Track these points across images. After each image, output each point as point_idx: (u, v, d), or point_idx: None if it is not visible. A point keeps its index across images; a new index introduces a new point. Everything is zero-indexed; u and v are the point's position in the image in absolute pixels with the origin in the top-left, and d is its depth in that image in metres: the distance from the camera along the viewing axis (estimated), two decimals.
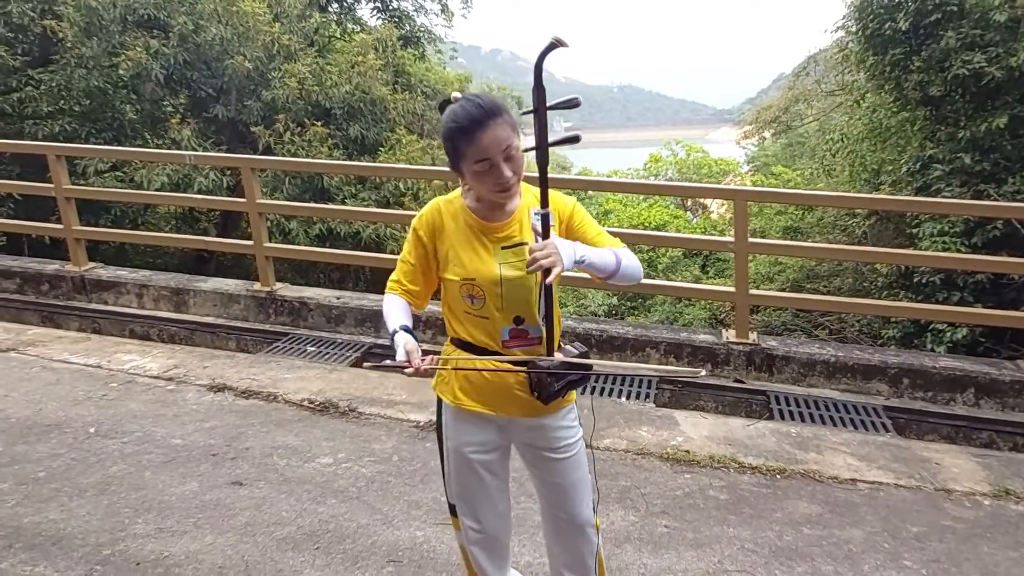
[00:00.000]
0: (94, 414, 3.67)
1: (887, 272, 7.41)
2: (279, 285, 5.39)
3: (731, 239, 4.53)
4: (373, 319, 5.06)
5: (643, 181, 14.38)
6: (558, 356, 1.71)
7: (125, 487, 3.01)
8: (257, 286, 5.34)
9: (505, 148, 1.57)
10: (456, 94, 1.65)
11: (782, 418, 3.94)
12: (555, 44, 1.50)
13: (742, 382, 4.37)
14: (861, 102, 8.91)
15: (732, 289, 4.61)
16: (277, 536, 2.70)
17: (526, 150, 1.59)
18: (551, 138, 1.63)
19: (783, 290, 8.68)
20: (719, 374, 4.44)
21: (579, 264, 1.61)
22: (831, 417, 3.94)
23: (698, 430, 3.61)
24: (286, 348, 4.81)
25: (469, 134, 1.56)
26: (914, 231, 6.75)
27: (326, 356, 4.66)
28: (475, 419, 1.82)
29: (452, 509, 1.97)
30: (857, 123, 9.24)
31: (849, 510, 2.94)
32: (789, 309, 8.73)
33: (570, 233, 1.74)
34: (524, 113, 1.59)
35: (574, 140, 1.66)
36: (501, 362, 1.73)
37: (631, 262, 1.72)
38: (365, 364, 2.28)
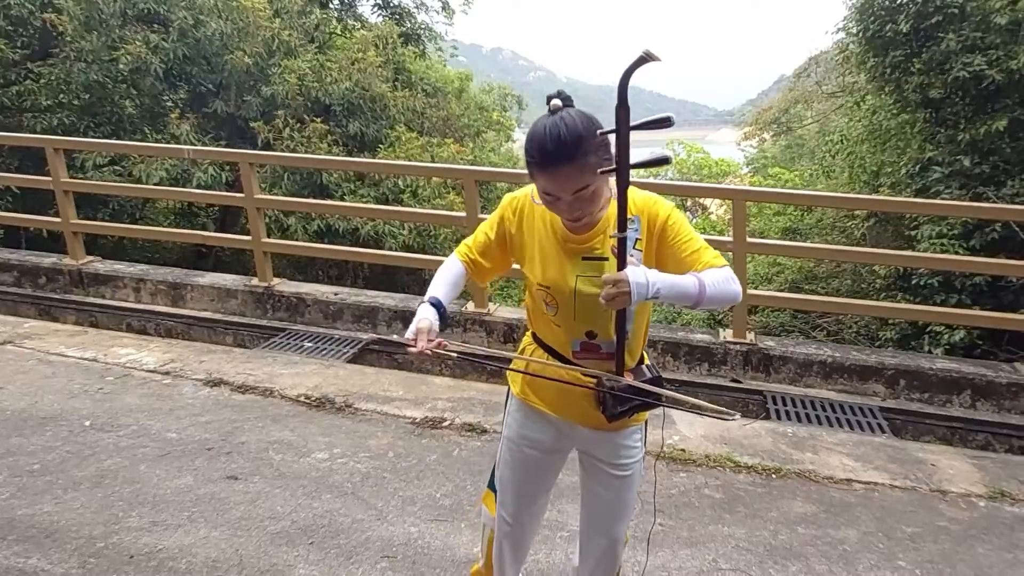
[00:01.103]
0: (90, 407, 3.66)
1: (885, 274, 7.41)
2: (277, 280, 5.38)
3: (729, 239, 4.53)
4: (370, 315, 5.05)
5: (642, 180, 14.37)
6: (628, 378, 1.61)
7: (119, 480, 3.00)
8: (255, 281, 5.34)
9: (576, 191, 1.47)
10: (556, 101, 1.49)
11: (778, 418, 3.94)
12: (645, 59, 1.34)
13: (739, 382, 4.37)
14: (861, 104, 8.91)
15: None
16: (271, 531, 2.69)
17: (604, 171, 1.46)
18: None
19: (781, 291, 8.68)
20: (716, 373, 4.44)
21: (653, 299, 1.47)
22: (827, 417, 3.94)
23: (694, 429, 3.61)
24: (283, 343, 4.80)
25: (543, 168, 1.48)
26: (913, 233, 6.76)
27: (323, 352, 4.66)
28: (537, 416, 1.80)
29: (493, 488, 1.96)
30: (857, 125, 9.24)
31: (844, 510, 2.94)
32: (787, 310, 8.73)
33: (661, 246, 1.58)
34: (603, 133, 1.44)
35: (664, 162, 1.49)
36: (571, 371, 1.67)
37: (719, 289, 1.50)
38: (373, 344, 2.10)
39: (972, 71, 6.09)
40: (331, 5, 12.67)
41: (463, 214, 5.05)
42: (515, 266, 1.81)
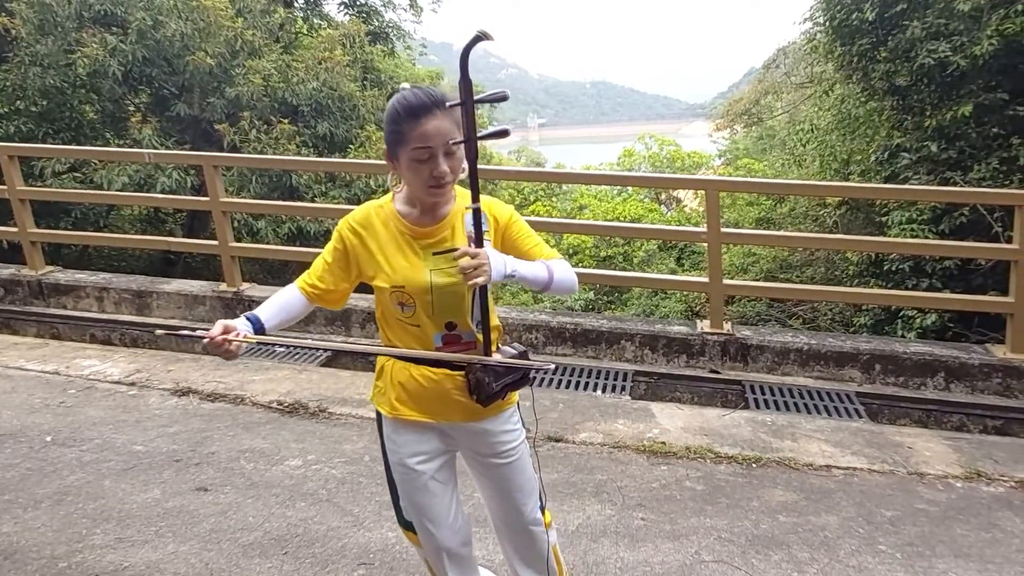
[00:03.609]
0: (51, 422, 3.53)
1: (858, 260, 7.49)
2: (246, 285, 5.26)
3: (704, 230, 4.52)
4: (344, 317, 4.96)
5: (616, 173, 14.35)
6: (496, 357, 1.67)
7: (83, 497, 2.89)
8: (223, 287, 5.21)
9: (447, 142, 1.55)
10: (405, 85, 1.63)
11: (757, 407, 3.94)
12: (480, 37, 1.48)
13: (717, 372, 4.36)
14: (830, 93, 9.00)
15: (706, 280, 4.60)
16: (243, 542, 2.60)
17: (455, 143, 1.56)
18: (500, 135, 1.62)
19: (757, 280, 8.74)
20: (694, 365, 4.43)
21: (510, 278, 1.59)
22: (805, 405, 3.95)
23: (674, 421, 3.59)
24: (254, 349, 4.68)
25: (416, 117, 1.54)
26: (883, 219, 6.83)
27: (296, 356, 4.55)
28: (416, 428, 1.76)
29: (408, 525, 1.90)
30: (826, 114, 9.33)
31: (824, 496, 2.94)
32: (763, 299, 8.80)
33: (506, 242, 1.71)
34: (451, 105, 1.55)
35: (503, 134, 1.65)
36: (437, 360, 1.68)
37: (564, 275, 1.71)
38: (158, 331, 1.89)
39: (937, 58, 6.15)
40: (296, 4, 12.48)
41: None
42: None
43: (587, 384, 4.17)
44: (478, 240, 1.59)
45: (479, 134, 1.56)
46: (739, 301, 9.03)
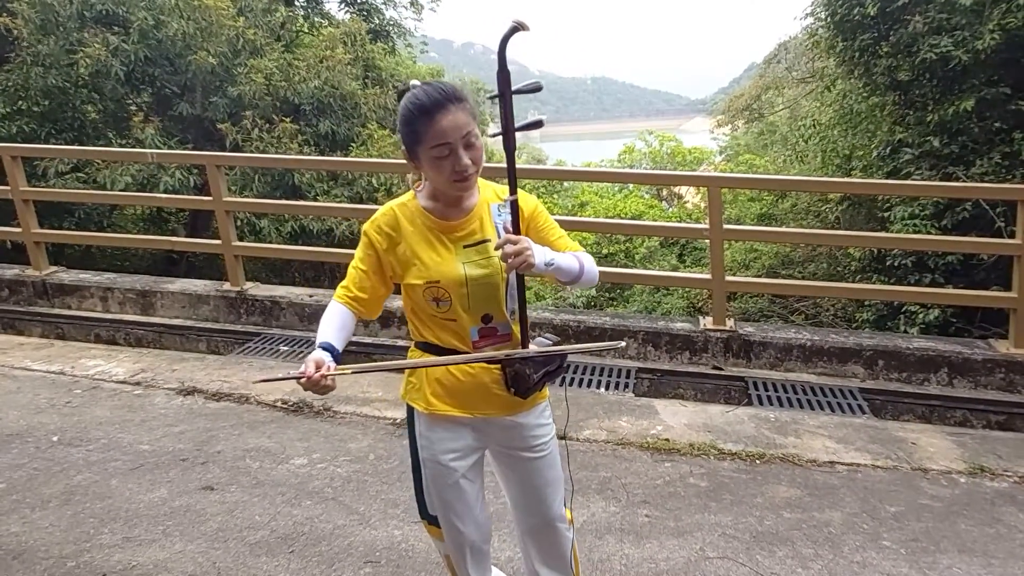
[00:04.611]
0: (57, 422, 3.55)
1: (860, 256, 7.48)
2: (249, 284, 5.27)
3: (706, 226, 4.52)
4: None
5: (617, 170, 14.31)
6: (532, 348, 1.68)
7: (90, 496, 2.90)
8: (227, 286, 5.22)
9: (465, 135, 1.54)
10: (415, 81, 1.61)
11: (760, 404, 3.94)
12: (517, 28, 1.47)
13: (720, 369, 4.37)
14: (831, 88, 8.98)
15: (708, 276, 4.61)
16: (250, 541, 2.62)
17: (493, 135, 1.58)
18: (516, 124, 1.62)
19: (759, 276, 8.74)
20: (697, 361, 4.44)
21: (548, 266, 1.60)
22: (808, 401, 3.95)
23: (677, 418, 3.60)
24: (258, 348, 4.70)
25: (430, 115, 1.53)
26: (885, 215, 6.83)
27: (300, 355, 4.57)
28: (451, 424, 1.76)
29: (432, 519, 1.91)
30: (828, 109, 9.32)
31: (828, 492, 2.94)
32: (765, 295, 8.80)
33: (533, 232, 1.71)
34: (491, 98, 1.56)
35: (537, 125, 1.65)
36: (474, 360, 1.68)
37: (592, 268, 1.74)
38: (255, 381, 1.84)
39: (939, 52, 6.13)
40: (297, 2, 12.46)
41: None
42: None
43: (591, 381, 4.18)
44: (515, 231, 1.59)
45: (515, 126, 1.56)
46: (741, 297, 9.03)
